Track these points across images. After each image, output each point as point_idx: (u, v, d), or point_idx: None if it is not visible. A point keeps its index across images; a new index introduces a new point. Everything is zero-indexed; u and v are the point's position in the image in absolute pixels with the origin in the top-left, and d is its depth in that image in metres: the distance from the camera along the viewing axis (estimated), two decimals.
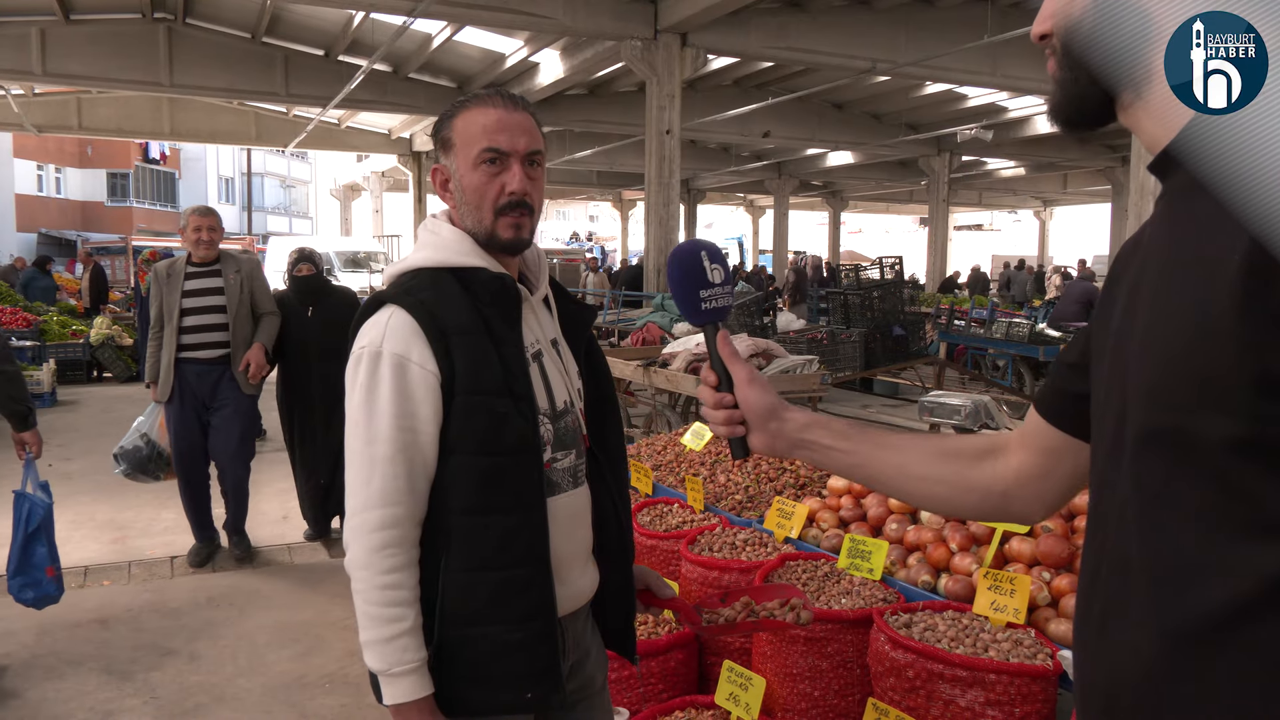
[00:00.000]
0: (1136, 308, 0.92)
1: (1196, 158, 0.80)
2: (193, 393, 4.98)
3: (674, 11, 11.42)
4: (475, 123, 1.58)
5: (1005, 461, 1.20)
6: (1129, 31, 0.87)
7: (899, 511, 2.96)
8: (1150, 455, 0.88)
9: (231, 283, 5.04)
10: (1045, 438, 1.16)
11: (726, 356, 1.31)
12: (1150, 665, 0.87)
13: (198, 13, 15.62)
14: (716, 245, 1.37)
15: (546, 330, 1.69)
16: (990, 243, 45.93)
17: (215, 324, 5.00)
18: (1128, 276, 0.97)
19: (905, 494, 1.26)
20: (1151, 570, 0.87)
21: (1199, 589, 0.83)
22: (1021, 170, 26.85)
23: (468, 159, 1.58)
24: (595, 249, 37.71)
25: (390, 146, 23.06)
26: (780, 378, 6.06)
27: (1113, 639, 0.92)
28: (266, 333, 5.15)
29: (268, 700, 3.58)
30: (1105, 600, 0.94)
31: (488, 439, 1.52)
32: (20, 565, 3.61)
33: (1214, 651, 0.82)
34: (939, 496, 1.24)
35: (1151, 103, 0.89)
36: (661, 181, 12.09)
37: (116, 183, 36.11)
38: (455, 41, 15.20)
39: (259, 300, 5.16)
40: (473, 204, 1.59)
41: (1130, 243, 1.02)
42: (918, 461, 1.24)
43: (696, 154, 24.27)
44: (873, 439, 1.27)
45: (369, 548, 1.50)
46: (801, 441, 1.27)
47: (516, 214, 1.57)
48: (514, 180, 1.56)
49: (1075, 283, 12.57)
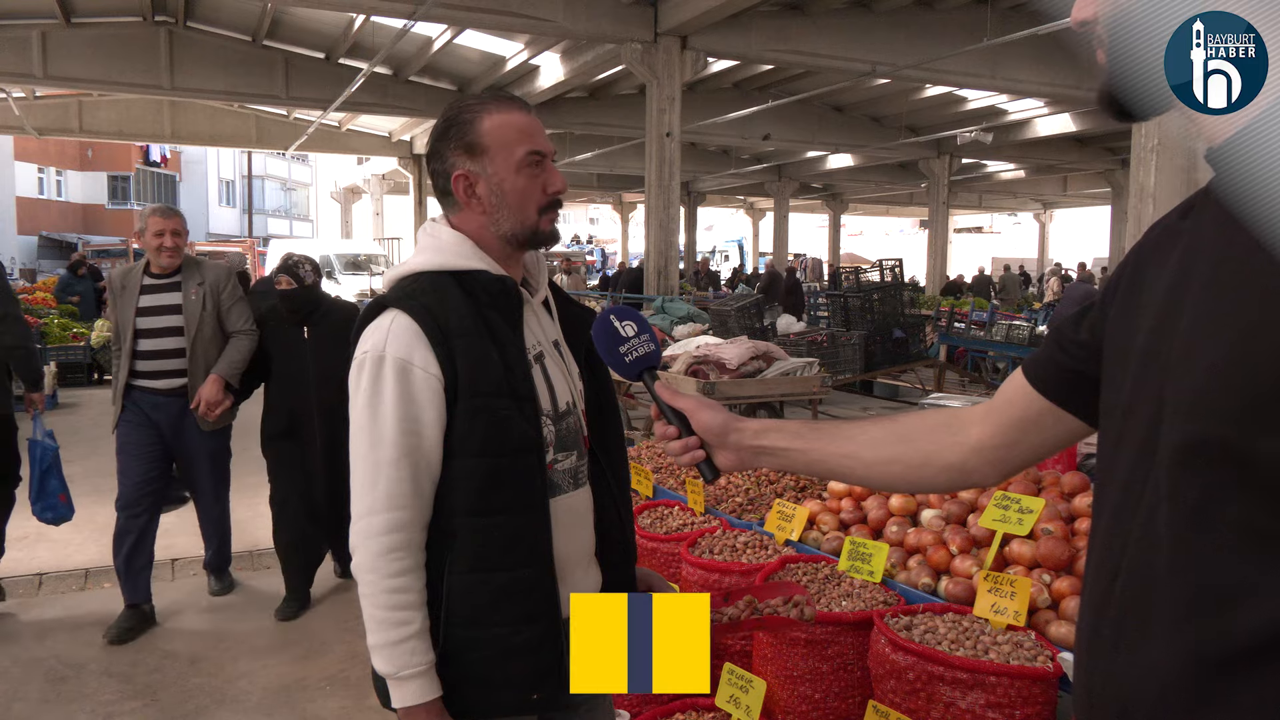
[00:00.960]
0: (1182, 303, 0.87)
1: (1263, 152, 0.77)
2: (151, 422, 4.26)
3: (674, 14, 11.44)
4: (510, 126, 1.59)
5: (965, 434, 1.20)
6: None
7: (899, 514, 2.96)
8: (1192, 466, 0.82)
9: (192, 299, 4.17)
10: (1024, 408, 1.14)
11: (669, 399, 1.33)
12: (1173, 686, 0.83)
13: (198, 16, 15.64)
14: (626, 308, 1.46)
15: (548, 332, 1.70)
16: (990, 245, 45.92)
17: (172, 349, 4.18)
18: (1165, 269, 0.91)
19: (863, 479, 1.28)
20: (1184, 588, 0.83)
21: (1238, 612, 0.79)
22: (1021, 173, 26.86)
23: (510, 163, 1.59)
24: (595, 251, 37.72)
25: (391, 149, 23.09)
26: (780, 380, 6.06)
27: (1129, 655, 0.88)
28: (229, 360, 4.24)
29: (268, 702, 3.58)
30: (1121, 612, 0.90)
31: (490, 441, 1.53)
32: (39, 494, 4.60)
33: (1247, 677, 0.78)
34: (895, 475, 1.25)
35: None
36: (662, 184, 12.10)
37: (117, 185, 36.14)
38: (456, 44, 15.22)
39: (229, 317, 4.28)
40: (515, 205, 1.60)
41: (1161, 231, 0.97)
42: (869, 447, 1.25)
43: (697, 156, 24.28)
44: (826, 433, 1.28)
45: (375, 551, 1.50)
46: (759, 448, 1.29)
47: (555, 210, 1.65)
48: (556, 180, 1.64)
49: (1075, 285, 12.58)
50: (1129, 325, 0.96)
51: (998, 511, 2.50)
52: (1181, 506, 0.83)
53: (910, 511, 2.96)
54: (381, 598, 1.50)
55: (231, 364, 4.23)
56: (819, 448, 1.27)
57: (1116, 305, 1.00)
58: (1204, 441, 0.81)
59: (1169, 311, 0.88)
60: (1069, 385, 1.08)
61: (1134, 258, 1.00)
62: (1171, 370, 0.86)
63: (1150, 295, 0.93)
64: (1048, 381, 1.12)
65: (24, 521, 5.91)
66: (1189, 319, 0.85)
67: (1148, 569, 0.87)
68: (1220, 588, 0.80)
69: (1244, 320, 0.79)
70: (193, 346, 4.16)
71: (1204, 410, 0.81)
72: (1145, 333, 0.92)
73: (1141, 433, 0.89)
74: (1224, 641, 0.79)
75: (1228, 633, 0.79)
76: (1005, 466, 1.19)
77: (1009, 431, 1.16)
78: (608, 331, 1.39)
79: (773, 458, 1.29)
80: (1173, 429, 0.85)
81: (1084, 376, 1.04)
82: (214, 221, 39.73)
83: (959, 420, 1.22)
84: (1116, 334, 0.98)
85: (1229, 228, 0.81)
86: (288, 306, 4.30)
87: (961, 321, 12.98)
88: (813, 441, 1.27)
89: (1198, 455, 0.82)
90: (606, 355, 1.39)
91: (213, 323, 4.22)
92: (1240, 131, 0.81)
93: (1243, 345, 0.79)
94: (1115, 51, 0.88)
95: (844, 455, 1.26)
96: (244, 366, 4.29)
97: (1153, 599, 0.86)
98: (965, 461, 1.20)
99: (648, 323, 1.40)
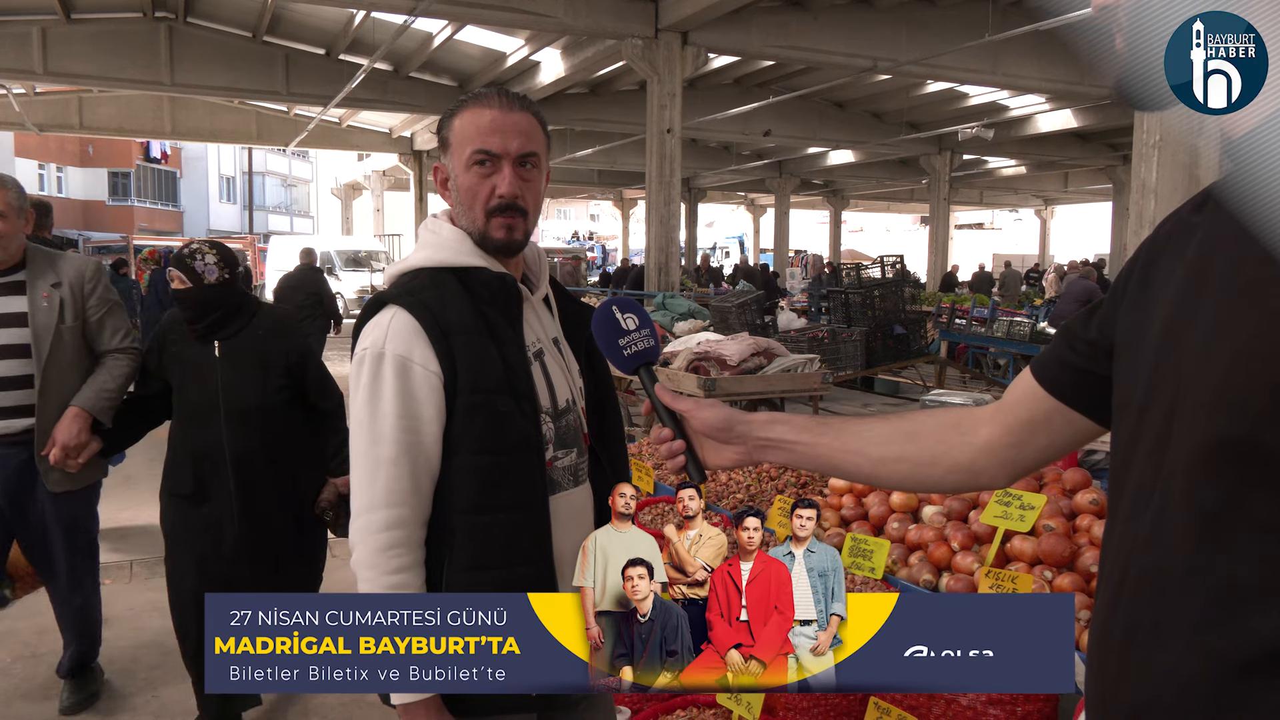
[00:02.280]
0: (1200, 298, 0.85)
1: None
2: None
3: (675, 10, 11.42)
4: (471, 123, 1.58)
5: (974, 434, 1.18)
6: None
7: (901, 510, 2.96)
8: (1210, 465, 0.81)
9: (43, 307, 3.00)
10: (1033, 408, 1.12)
11: (669, 402, 1.31)
12: (1191, 690, 0.82)
13: (199, 11, 15.63)
14: (629, 299, 1.43)
15: (548, 329, 1.70)
16: (992, 241, 45.93)
17: (12, 376, 2.98)
18: (1179, 263, 0.90)
19: (869, 477, 1.26)
20: (1201, 590, 0.81)
21: (1261, 613, 0.77)
22: (1022, 169, 26.84)
23: (461, 160, 1.59)
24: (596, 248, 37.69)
25: (391, 145, 23.09)
26: (781, 376, 6.06)
27: (1143, 658, 0.87)
28: (97, 388, 3.03)
29: (269, 698, 3.58)
30: (1132, 614, 0.88)
31: (490, 438, 1.53)
32: None
33: (1271, 680, 0.77)
34: (902, 474, 1.24)
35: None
36: (662, 180, 12.09)
37: (118, 182, 36.15)
38: (456, 40, 15.21)
39: (98, 331, 3.11)
40: (466, 204, 1.60)
41: (1174, 225, 0.96)
42: (877, 444, 1.23)
43: (697, 153, 24.27)
44: (833, 429, 1.27)
45: (375, 548, 1.50)
46: (766, 440, 1.27)
47: (507, 216, 1.58)
48: (504, 183, 1.57)
49: (1075, 281, 12.57)
50: (1142, 321, 0.94)
51: (999, 508, 2.49)
52: (1199, 506, 0.82)
53: (912, 508, 2.96)
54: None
55: (100, 394, 3.01)
56: (826, 443, 1.25)
57: (1128, 301, 0.98)
58: (1223, 440, 0.80)
59: (1185, 307, 0.87)
60: (1078, 384, 1.07)
61: (1145, 253, 0.98)
62: (1188, 367, 0.84)
63: (1163, 291, 0.91)
64: (1056, 381, 1.10)
65: None
66: (1206, 315, 0.83)
67: (1161, 570, 0.85)
68: (1241, 589, 0.79)
69: (1265, 315, 0.78)
70: (44, 373, 2.98)
71: (1224, 408, 0.80)
72: (1159, 329, 0.90)
73: (1156, 431, 0.88)
74: (1246, 644, 0.78)
75: (1250, 635, 0.78)
76: (1015, 468, 1.17)
77: (1018, 432, 1.14)
78: (609, 322, 1.36)
79: (779, 451, 1.27)
80: (1190, 427, 0.83)
81: (1094, 375, 1.03)
82: (214, 218, 39.76)
83: (969, 420, 1.20)
84: (1129, 331, 0.96)
85: (1248, 221, 0.80)
86: (185, 314, 3.00)
87: (962, 318, 12.97)
88: (820, 436, 1.26)
89: (1216, 454, 0.80)
90: (605, 346, 1.37)
91: (75, 340, 3.04)
92: (1261, 123, 0.80)
93: (1263, 341, 0.77)
94: (1134, 38, 0.86)
95: (851, 451, 1.24)
96: (118, 399, 3.08)
97: (1167, 601, 0.84)
98: (974, 462, 1.18)
99: (650, 317, 1.39)
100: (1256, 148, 0.80)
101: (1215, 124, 0.86)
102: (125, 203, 35.81)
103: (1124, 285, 1.00)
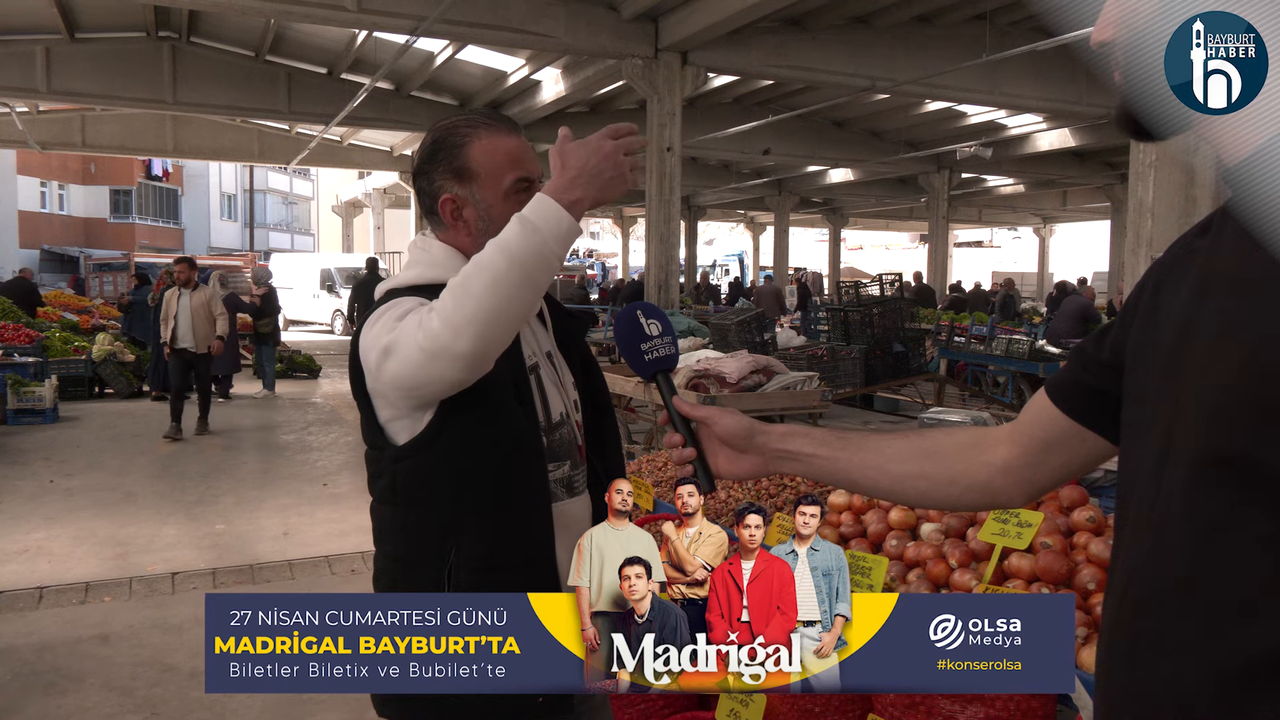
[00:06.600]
0: (1199, 320, 0.88)
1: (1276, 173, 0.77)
2: None
3: (674, 30, 11.50)
4: (500, 151, 1.60)
5: (992, 454, 1.20)
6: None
7: (899, 527, 2.97)
8: (1207, 480, 0.83)
9: None
10: (1048, 428, 1.14)
11: (686, 412, 1.32)
12: (1194, 700, 0.83)
13: (202, 31, 15.73)
14: (654, 305, 1.43)
15: (542, 343, 1.72)
16: (991, 259, 46.02)
17: None
18: (1183, 286, 0.92)
19: (887, 493, 1.27)
20: (1205, 601, 0.83)
21: (1262, 624, 0.79)
22: (1021, 187, 26.92)
23: (498, 189, 1.59)
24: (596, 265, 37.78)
25: (392, 164, 23.15)
26: (780, 394, 6.08)
27: (1146, 670, 0.88)
28: None
29: (267, 716, 3.58)
30: (1134, 627, 0.90)
31: (491, 439, 1.55)
32: None
33: (1268, 692, 0.78)
34: (921, 491, 1.25)
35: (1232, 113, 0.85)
36: (662, 198, 12.15)
37: (119, 199, 36.23)
38: (457, 60, 15.30)
39: None
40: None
41: (1180, 249, 0.98)
42: (896, 460, 1.24)
43: (697, 171, 24.35)
44: (852, 443, 1.27)
45: (415, 323, 1.46)
46: (784, 451, 1.28)
47: None
48: None
49: (1070, 299, 12.60)
50: (1150, 342, 0.96)
51: (997, 525, 2.50)
52: (1197, 521, 0.84)
53: (910, 525, 2.97)
54: (466, 275, 1.41)
55: None
56: (845, 457, 1.26)
57: (1138, 323, 1.00)
58: (1220, 457, 0.82)
59: (1186, 328, 0.89)
60: (1092, 405, 1.08)
61: (1154, 276, 1.01)
62: (1188, 385, 0.86)
63: (1169, 313, 0.93)
64: (1071, 401, 1.11)
65: (24, 535, 5.92)
66: (1205, 334, 0.86)
67: (1161, 583, 0.87)
68: (1242, 601, 0.80)
69: (1261, 335, 0.79)
70: None
71: (1221, 425, 0.82)
72: (1165, 349, 0.92)
73: (1158, 448, 0.90)
74: (1248, 654, 0.79)
75: (1252, 645, 0.79)
76: (1031, 487, 1.18)
77: (1035, 452, 1.16)
78: (633, 325, 1.37)
79: (796, 463, 1.28)
80: (1188, 444, 0.85)
81: (1107, 396, 1.04)
82: (215, 235, 39.82)
83: (986, 439, 1.21)
84: (1137, 352, 0.98)
85: (1246, 245, 0.82)
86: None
87: (961, 336, 12.99)
88: (838, 450, 1.26)
89: (1213, 470, 0.82)
90: (626, 350, 1.37)
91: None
92: (1259, 149, 0.81)
93: (1259, 360, 0.79)
94: (1132, 73, 0.89)
95: (870, 467, 1.25)
96: None
97: (1168, 613, 0.86)
98: (991, 481, 1.19)
99: (672, 324, 1.39)
100: (1252, 173, 0.82)
101: (1210, 148, 0.87)
102: (127, 220, 35.87)
103: (1134, 307, 1.02)
